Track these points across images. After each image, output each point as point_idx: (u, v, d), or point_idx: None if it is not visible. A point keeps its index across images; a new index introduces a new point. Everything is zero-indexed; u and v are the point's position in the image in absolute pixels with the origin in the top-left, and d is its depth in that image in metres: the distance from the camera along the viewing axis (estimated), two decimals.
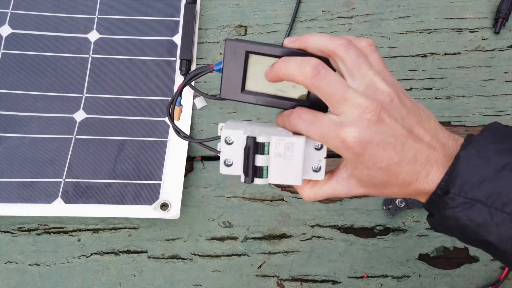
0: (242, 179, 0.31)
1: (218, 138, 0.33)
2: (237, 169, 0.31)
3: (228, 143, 0.31)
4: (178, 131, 0.37)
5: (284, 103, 0.34)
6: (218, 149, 0.32)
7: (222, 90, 0.34)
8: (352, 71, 0.30)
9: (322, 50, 0.31)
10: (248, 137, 0.30)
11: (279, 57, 0.32)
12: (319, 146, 0.32)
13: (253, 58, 0.33)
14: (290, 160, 0.31)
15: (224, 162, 0.31)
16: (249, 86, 0.34)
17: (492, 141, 0.29)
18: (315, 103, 0.33)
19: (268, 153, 0.30)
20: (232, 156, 0.31)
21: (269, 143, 0.30)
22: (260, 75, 0.33)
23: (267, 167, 0.31)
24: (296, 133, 0.32)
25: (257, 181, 0.31)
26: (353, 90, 0.29)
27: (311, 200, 0.34)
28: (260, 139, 0.30)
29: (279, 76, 0.31)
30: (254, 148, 0.30)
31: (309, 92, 0.33)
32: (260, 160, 0.30)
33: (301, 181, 0.32)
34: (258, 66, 0.33)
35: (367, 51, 0.32)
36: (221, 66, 0.33)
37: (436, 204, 0.30)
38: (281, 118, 0.34)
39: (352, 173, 0.32)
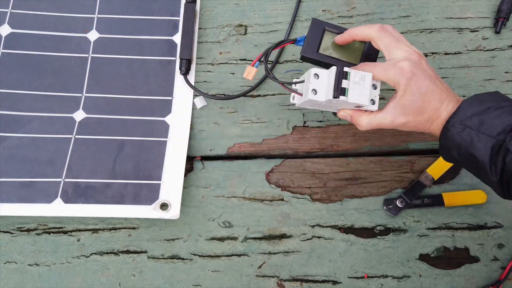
0: (329, 97, 0.44)
1: (302, 82, 0.47)
2: (321, 95, 0.44)
3: (316, 78, 0.44)
4: (268, 72, 0.49)
5: (341, 63, 0.48)
6: (294, 88, 0.48)
7: (303, 50, 0.48)
8: (389, 46, 0.44)
9: (365, 36, 0.46)
10: (337, 67, 0.43)
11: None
12: (376, 86, 0.45)
13: (327, 33, 0.49)
14: (362, 86, 0.43)
15: (312, 90, 0.44)
16: (321, 50, 0.49)
17: (486, 96, 0.42)
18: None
19: (349, 80, 0.43)
20: (317, 87, 0.44)
21: (350, 73, 0.43)
22: (328, 44, 0.49)
23: (347, 89, 0.43)
24: None
25: (341, 98, 0.43)
26: (402, 43, 0.44)
27: (365, 128, 0.46)
28: (345, 69, 0.43)
29: (352, 36, 0.47)
30: (341, 74, 0.43)
31: (361, 59, 0.48)
32: (345, 83, 0.43)
33: (369, 102, 0.44)
34: (329, 39, 0.49)
35: (392, 31, 0.46)
36: (304, 36, 0.48)
37: (444, 130, 0.42)
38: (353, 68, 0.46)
39: (399, 101, 0.44)
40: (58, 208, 0.53)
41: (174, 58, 0.60)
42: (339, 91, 0.43)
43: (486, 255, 0.54)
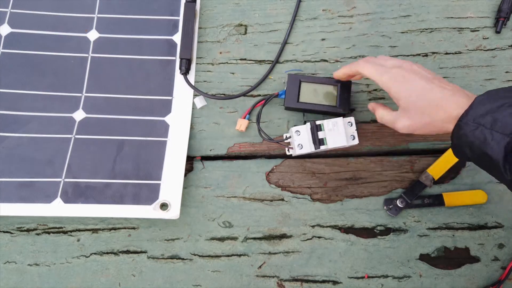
0: (312, 149, 0.51)
1: (291, 137, 0.53)
2: (306, 148, 0.51)
3: (298, 134, 0.51)
4: (260, 132, 0.55)
5: (322, 107, 0.55)
6: (286, 141, 0.55)
7: (286, 102, 0.56)
8: (377, 70, 0.47)
9: (354, 72, 0.51)
10: (310, 123, 0.51)
11: (317, 83, 0.56)
12: (351, 123, 0.52)
13: (303, 84, 0.56)
14: (337, 131, 0.50)
15: (298, 145, 0.51)
16: (301, 99, 0.56)
17: (501, 92, 0.41)
18: (341, 106, 0.55)
19: (324, 130, 0.51)
20: (301, 141, 0.51)
21: (323, 124, 0.50)
22: (307, 93, 0.56)
23: (325, 138, 0.50)
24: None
25: (322, 147, 0.50)
26: (390, 60, 0.48)
27: (379, 121, 0.50)
28: (317, 122, 0.50)
29: (345, 74, 0.52)
30: (316, 128, 0.51)
31: (337, 101, 0.55)
32: (321, 134, 0.51)
33: (348, 140, 0.51)
34: (306, 88, 0.56)
35: (380, 58, 0.49)
36: (285, 90, 0.56)
37: (456, 129, 0.42)
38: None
39: (400, 105, 0.46)
40: (58, 208, 0.53)
41: (174, 58, 0.60)
42: (318, 142, 0.50)
43: (486, 255, 0.54)
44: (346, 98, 0.55)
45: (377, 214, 0.56)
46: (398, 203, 0.55)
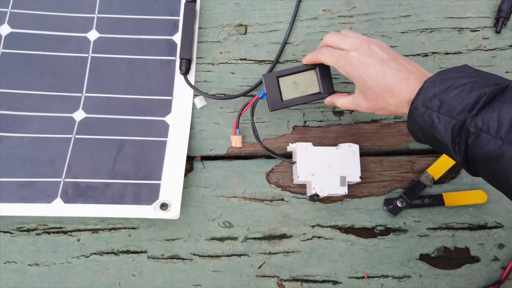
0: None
1: (292, 161, 0.55)
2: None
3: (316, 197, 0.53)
4: (263, 148, 0.55)
5: (307, 98, 0.53)
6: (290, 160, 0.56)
7: (270, 106, 0.53)
8: (340, 45, 0.48)
9: (315, 60, 0.51)
10: (314, 195, 0.53)
11: (295, 73, 0.53)
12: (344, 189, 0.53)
13: (281, 80, 0.53)
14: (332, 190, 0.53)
15: (297, 176, 0.53)
16: (285, 97, 0.53)
17: (450, 73, 0.40)
18: (325, 90, 0.53)
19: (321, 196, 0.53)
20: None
21: (320, 196, 0.52)
22: (288, 89, 0.53)
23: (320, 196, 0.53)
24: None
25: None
26: (349, 36, 0.48)
27: (342, 108, 0.51)
28: (319, 194, 0.52)
29: (309, 61, 0.52)
30: (317, 196, 0.52)
31: (319, 87, 0.53)
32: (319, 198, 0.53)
33: (340, 190, 0.53)
34: (285, 82, 0.53)
35: (335, 35, 0.49)
36: (264, 92, 0.53)
37: (409, 114, 0.42)
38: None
39: (357, 88, 0.47)
40: (58, 208, 0.53)
41: (174, 58, 0.60)
42: (315, 199, 0.53)
43: (486, 255, 0.54)
44: (328, 80, 0.53)
45: (377, 214, 0.56)
46: (398, 203, 0.55)
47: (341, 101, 0.51)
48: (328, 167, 0.53)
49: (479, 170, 0.38)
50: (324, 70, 0.53)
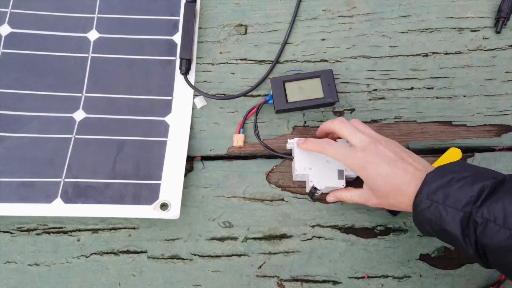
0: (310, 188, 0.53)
1: (291, 157, 0.55)
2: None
3: (315, 190, 0.53)
4: (263, 147, 0.57)
5: (311, 102, 0.57)
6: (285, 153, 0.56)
7: (275, 106, 0.57)
8: (348, 136, 0.48)
9: (330, 129, 0.52)
10: (311, 188, 0.53)
11: (300, 79, 0.57)
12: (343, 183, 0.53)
13: (287, 84, 0.57)
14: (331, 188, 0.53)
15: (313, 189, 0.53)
16: (289, 99, 0.57)
17: (450, 167, 0.43)
18: (328, 96, 0.57)
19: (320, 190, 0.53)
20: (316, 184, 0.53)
21: (319, 189, 0.53)
22: (293, 92, 0.57)
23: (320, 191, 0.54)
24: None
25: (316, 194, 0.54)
26: (361, 133, 0.48)
27: (349, 201, 0.52)
28: (316, 186, 0.53)
29: (322, 131, 0.54)
30: (314, 189, 0.53)
31: (323, 92, 0.57)
32: (318, 192, 0.53)
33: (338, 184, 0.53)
34: (291, 87, 0.57)
35: (354, 122, 0.50)
36: (271, 96, 0.57)
37: (414, 207, 0.43)
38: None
39: (367, 185, 0.48)
40: (58, 208, 0.53)
41: (174, 58, 0.60)
42: (314, 193, 0.54)
43: None
44: (331, 87, 0.56)
45: (377, 214, 0.56)
46: None
47: (348, 194, 0.51)
48: (325, 161, 0.53)
49: (490, 261, 0.39)
50: (327, 78, 0.57)
